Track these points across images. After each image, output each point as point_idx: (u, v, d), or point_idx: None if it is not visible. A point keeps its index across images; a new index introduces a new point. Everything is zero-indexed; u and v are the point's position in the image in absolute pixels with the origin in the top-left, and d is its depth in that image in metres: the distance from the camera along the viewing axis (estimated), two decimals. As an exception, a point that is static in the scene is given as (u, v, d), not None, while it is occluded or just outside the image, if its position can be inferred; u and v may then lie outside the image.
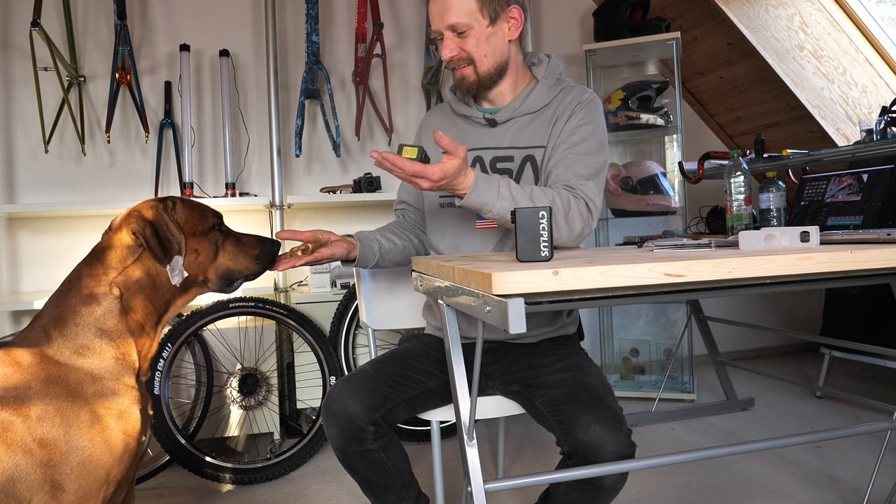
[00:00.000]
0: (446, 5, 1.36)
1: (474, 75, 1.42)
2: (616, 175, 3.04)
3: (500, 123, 1.47)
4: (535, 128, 1.45)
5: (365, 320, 1.72)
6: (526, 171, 1.44)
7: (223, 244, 1.27)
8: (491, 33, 1.38)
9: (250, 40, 2.95)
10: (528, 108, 1.45)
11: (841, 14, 3.05)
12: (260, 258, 1.30)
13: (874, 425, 1.41)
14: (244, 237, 1.32)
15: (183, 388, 2.36)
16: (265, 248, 1.32)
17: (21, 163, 2.68)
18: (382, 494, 1.40)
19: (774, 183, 2.12)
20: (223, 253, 1.27)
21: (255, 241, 1.32)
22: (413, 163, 1.17)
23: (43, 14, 2.41)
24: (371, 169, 3.04)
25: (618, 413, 1.17)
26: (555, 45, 3.44)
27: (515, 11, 1.40)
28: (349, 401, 1.31)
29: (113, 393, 1.09)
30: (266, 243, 1.33)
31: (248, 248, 1.30)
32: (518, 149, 1.45)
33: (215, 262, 1.25)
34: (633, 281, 0.90)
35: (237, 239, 1.30)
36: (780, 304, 3.82)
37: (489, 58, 1.40)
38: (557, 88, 1.47)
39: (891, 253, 1.01)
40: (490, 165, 1.47)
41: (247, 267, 1.29)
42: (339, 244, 1.43)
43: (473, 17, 1.36)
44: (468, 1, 1.35)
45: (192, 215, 1.24)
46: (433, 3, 1.39)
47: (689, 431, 2.54)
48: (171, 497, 2.12)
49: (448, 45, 1.39)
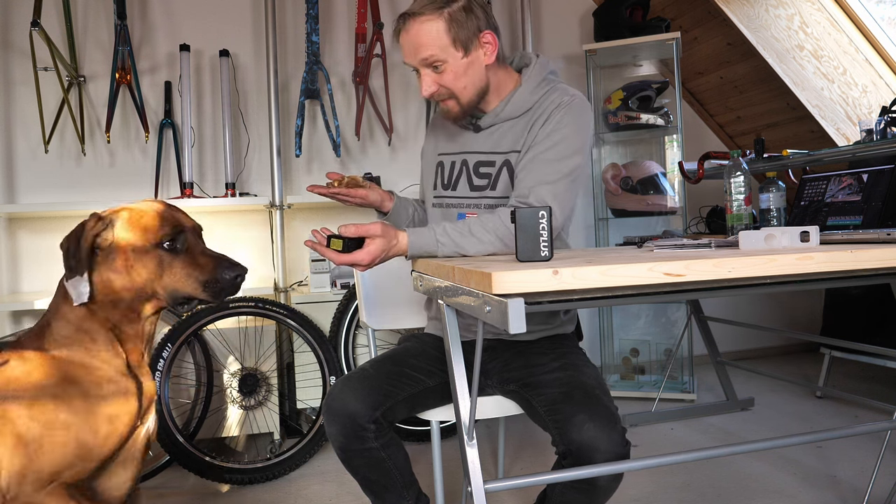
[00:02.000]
0: (418, 41, 1.35)
1: (458, 107, 1.42)
2: (616, 175, 3.04)
3: (484, 128, 1.49)
4: (516, 133, 1.45)
5: (365, 320, 1.72)
6: (503, 176, 1.45)
7: (171, 263, 1.17)
8: (467, 64, 1.37)
9: (250, 40, 2.95)
10: (510, 114, 1.45)
11: (841, 14, 3.05)
12: (208, 285, 1.18)
13: (874, 425, 1.41)
14: (202, 259, 1.20)
15: (183, 388, 2.36)
16: (217, 275, 1.18)
17: (21, 163, 2.68)
18: (382, 494, 1.40)
19: (774, 183, 2.12)
20: (168, 273, 1.17)
21: (211, 267, 1.19)
22: (340, 255, 1.24)
23: (43, 14, 2.41)
24: (371, 169, 3.04)
25: (612, 412, 1.17)
26: (555, 45, 3.44)
27: (488, 36, 1.38)
28: (350, 399, 1.31)
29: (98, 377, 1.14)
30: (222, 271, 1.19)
31: (198, 271, 1.18)
32: (499, 154, 1.46)
33: (160, 280, 1.17)
34: (633, 281, 0.90)
35: (191, 260, 1.19)
36: (780, 304, 3.82)
37: (469, 88, 1.40)
38: (543, 90, 1.44)
39: (891, 253, 1.01)
40: (473, 169, 1.49)
41: (193, 290, 1.18)
42: (376, 190, 1.48)
43: (447, 51, 1.35)
44: (440, 36, 1.34)
45: (132, 230, 1.17)
46: (404, 37, 1.38)
47: (689, 431, 2.54)
48: (171, 497, 2.12)
49: (426, 80, 1.38)
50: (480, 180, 1.48)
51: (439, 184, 1.55)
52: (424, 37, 1.34)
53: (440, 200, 1.54)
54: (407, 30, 1.36)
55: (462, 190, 1.50)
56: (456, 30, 1.34)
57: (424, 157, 1.64)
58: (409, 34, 1.36)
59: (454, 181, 1.51)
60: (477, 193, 1.48)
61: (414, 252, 1.30)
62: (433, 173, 1.57)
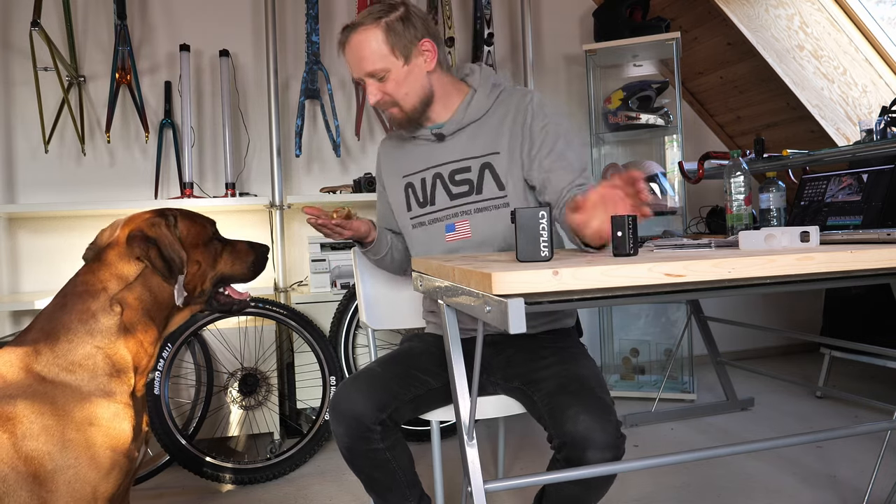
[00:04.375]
0: (361, 54, 1.40)
1: (402, 113, 1.47)
2: (616, 175, 3.03)
3: (447, 136, 1.50)
4: (486, 134, 1.48)
5: (365, 320, 1.72)
6: (486, 179, 1.46)
7: (220, 251, 1.29)
8: (408, 72, 1.42)
9: (250, 40, 2.95)
10: (472, 117, 1.49)
11: (841, 14, 3.05)
12: (254, 265, 1.33)
13: (874, 425, 1.41)
14: (238, 244, 1.34)
15: (183, 388, 2.36)
16: (258, 253, 1.34)
17: (21, 163, 2.68)
18: (386, 494, 1.40)
19: (774, 183, 2.12)
20: (221, 260, 1.28)
21: (248, 248, 1.34)
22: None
23: (43, 14, 2.41)
24: (371, 169, 3.04)
25: (607, 404, 1.18)
26: (555, 45, 3.44)
27: (427, 44, 1.43)
28: (357, 399, 1.31)
29: (102, 411, 1.06)
30: (258, 249, 1.35)
31: (242, 254, 1.32)
32: (473, 158, 1.48)
33: (215, 268, 1.27)
34: (633, 281, 0.90)
35: (233, 246, 1.32)
36: (780, 304, 3.81)
37: (411, 95, 1.44)
38: (496, 92, 1.51)
39: (891, 253, 1.01)
40: (449, 178, 1.50)
41: (242, 273, 1.31)
42: (366, 222, 1.52)
43: (387, 60, 1.40)
44: (380, 46, 1.39)
45: (194, 228, 1.24)
46: (348, 52, 1.43)
47: (689, 431, 2.54)
48: (171, 497, 2.12)
49: (371, 90, 1.43)
50: (459, 187, 1.49)
51: (414, 204, 1.55)
52: (365, 48, 1.39)
53: (420, 220, 1.54)
54: (349, 42, 1.42)
55: (442, 202, 1.51)
56: (394, 38, 1.39)
57: (387, 184, 1.62)
58: (352, 45, 1.42)
59: (431, 196, 1.52)
60: (460, 201, 1.49)
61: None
62: (402, 197, 1.57)
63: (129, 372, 1.11)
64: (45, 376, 1.04)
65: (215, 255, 1.27)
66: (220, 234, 1.32)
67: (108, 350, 1.09)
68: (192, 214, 1.26)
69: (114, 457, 1.05)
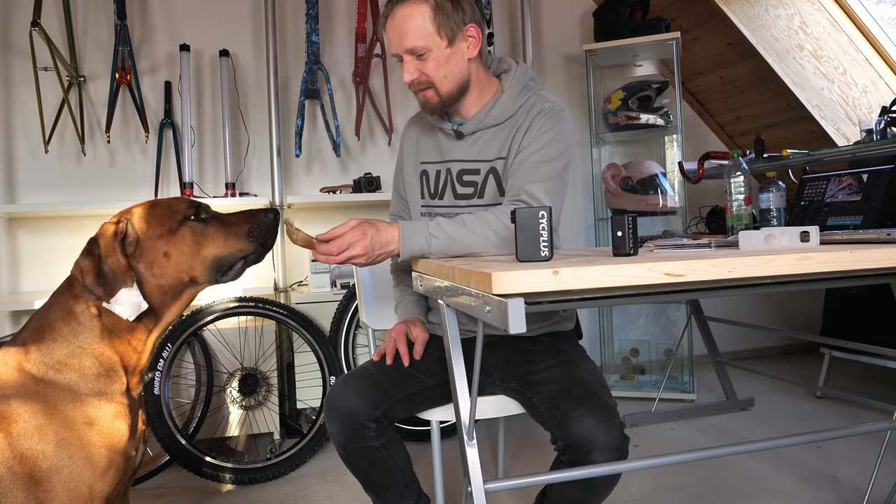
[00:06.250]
0: (404, 29, 1.35)
1: (437, 98, 1.42)
2: (616, 175, 3.04)
3: (466, 135, 1.48)
4: (501, 139, 1.45)
5: (365, 320, 1.72)
6: (489, 184, 1.45)
7: (204, 231, 1.12)
8: (450, 54, 1.37)
9: (250, 40, 2.95)
10: (493, 121, 1.45)
11: (841, 14, 3.05)
12: (252, 233, 1.13)
13: (874, 425, 1.41)
14: (231, 217, 1.15)
15: (183, 388, 2.36)
16: (256, 220, 1.14)
17: (21, 163, 2.68)
18: (383, 493, 1.40)
19: (774, 183, 2.12)
20: (207, 241, 1.11)
21: (244, 217, 1.15)
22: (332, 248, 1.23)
23: (43, 14, 2.41)
24: (371, 169, 3.04)
25: (611, 406, 1.17)
26: (555, 45, 3.44)
27: (473, 30, 1.39)
28: (350, 397, 1.31)
29: (97, 409, 1.05)
30: (257, 214, 1.15)
31: (235, 227, 1.13)
32: (483, 162, 1.46)
33: (200, 254, 1.11)
34: (633, 281, 0.90)
35: (221, 221, 1.14)
36: (780, 304, 3.81)
37: (449, 79, 1.40)
38: (525, 96, 1.45)
39: (891, 253, 1.01)
40: (457, 177, 1.48)
41: (239, 248, 1.13)
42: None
43: (431, 39, 1.35)
44: (425, 23, 1.34)
45: (152, 220, 1.10)
46: (390, 26, 1.38)
47: (689, 431, 2.54)
48: (171, 497, 2.12)
49: (408, 68, 1.38)
50: (464, 188, 1.48)
51: (426, 193, 1.54)
52: (410, 23, 1.34)
53: (428, 209, 1.54)
54: (393, 15, 1.37)
55: (448, 199, 1.50)
56: (441, 18, 1.35)
57: (405, 165, 1.61)
58: (395, 19, 1.36)
59: (440, 191, 1.51)
60: (462, 202, 1.48)
61: (405, 236, 1.27)
62: (417, 182, 1.56)
63: (119, 370, 1.10)
64: (36, 375, 1.04)
65: (195, 238, 1.11)
66: (208, 213, 1.15)
67: (92, 349, 1.07)
68: (155, 205, 1.12)
69: (110, 455, 1.05)
